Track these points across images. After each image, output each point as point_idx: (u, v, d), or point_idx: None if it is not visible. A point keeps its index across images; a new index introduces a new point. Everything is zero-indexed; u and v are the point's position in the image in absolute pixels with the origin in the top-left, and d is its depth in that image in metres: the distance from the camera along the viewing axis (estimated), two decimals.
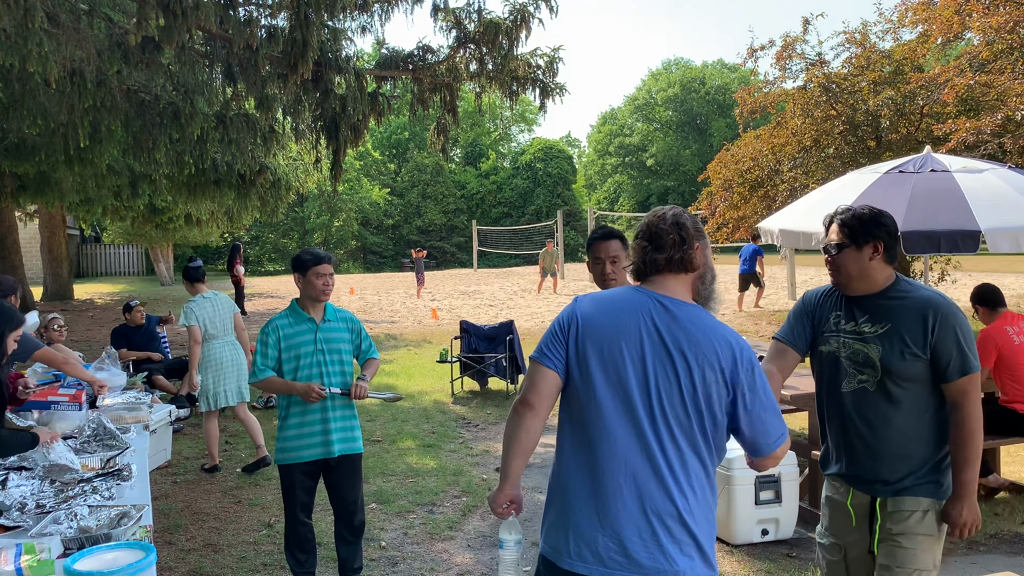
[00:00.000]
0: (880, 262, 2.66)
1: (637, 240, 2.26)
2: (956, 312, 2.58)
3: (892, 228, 2.69)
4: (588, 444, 2.12)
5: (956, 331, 2.54)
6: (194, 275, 6.52)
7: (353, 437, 4.07)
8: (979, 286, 5.44)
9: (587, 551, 2.05)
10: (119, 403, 4.62)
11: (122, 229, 24.54)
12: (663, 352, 2.09)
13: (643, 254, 2.22)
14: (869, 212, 2.68)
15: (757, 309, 16.24)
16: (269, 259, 43.70)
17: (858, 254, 2.66)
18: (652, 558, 2.02)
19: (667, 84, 59.94)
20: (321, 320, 4.08)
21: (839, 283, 2.74)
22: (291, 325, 4.04)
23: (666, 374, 2.08)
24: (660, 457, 2.06)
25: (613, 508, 2.05)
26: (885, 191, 5.45)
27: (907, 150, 10.86)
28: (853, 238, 2.66)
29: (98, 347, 12.24)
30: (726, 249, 20.41)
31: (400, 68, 8.43)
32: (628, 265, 2.31)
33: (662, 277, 2.20)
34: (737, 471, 4.62)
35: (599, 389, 2.11)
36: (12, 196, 14.31)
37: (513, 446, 2.15)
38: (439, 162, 47.23)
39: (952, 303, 2.61)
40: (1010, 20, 10.60)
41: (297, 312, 4.08)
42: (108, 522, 2.70)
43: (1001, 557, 4.41)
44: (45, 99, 7.48)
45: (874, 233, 2.64)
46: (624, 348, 2.11)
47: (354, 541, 4.11)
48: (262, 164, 12.29)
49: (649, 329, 2.12)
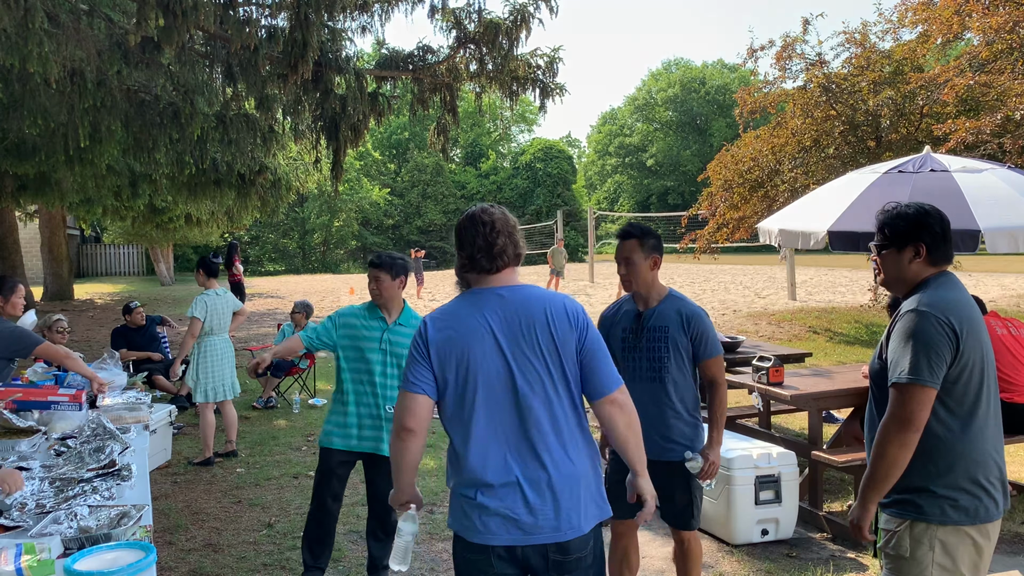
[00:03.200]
0: (922, 265, 2.48)
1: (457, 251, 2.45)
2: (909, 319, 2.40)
3: (938, 228, 2.48)
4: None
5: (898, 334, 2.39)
6: (213, 269, 6.71)
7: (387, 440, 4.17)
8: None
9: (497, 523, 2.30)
10: (119, 403, 4.61)
11: (122, 229, 24.53)
12: (513, 334, 2.30)
13: (459, 261, 2.42)
14: (914, 211, 2.49)
15: (761, 309, 16.25)
16: (269, 259, 43.69)
17: (898, 256, 2.51)
18: (562, 518, 2.31)
19: (667, 84, 59.94)
20: (393, 322, 4.11)
21: (882, 283, 2.59)
22: (361, 318, 4.11)
23: (522, 352, 2.30)
24: (548, 424, 2.31)
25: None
26: (885, 191, 5.45)
27: (907, 150, 10.86)
28: (894, 240, 2.50)
29: (98, 347, 12.24)
30: (727, 249, 20.41)
31: (400, 68, 8.43)
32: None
33: (490, 276, 2.38)
34: (737, 471, 4.62)
35: (470, 394, 2.31)
36: (12, 196, 14.31)
37: (403, 466, 2.37)
38: (439, 162, 47.23)
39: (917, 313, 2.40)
40: (1010, 20, 10.60)
41: (372, 308, 4.14)
42: (108, 522, 2.70)
43: (1001, 557, 4.41)
44: (45, 99, 7.48)
45: (916, 235, 2.47)
46: (477, 348, 2.30)
47: (385, 539, 4.19)
48: (262, 164, 12.29)
49: (493, 321, 2.32)
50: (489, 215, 2.38)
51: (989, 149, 9.68)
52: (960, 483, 2.37)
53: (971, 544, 2.38)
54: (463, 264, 2.38)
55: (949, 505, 2.37)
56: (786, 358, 6.69)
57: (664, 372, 3.38)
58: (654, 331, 3.39)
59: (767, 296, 18.67)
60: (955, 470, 2.37)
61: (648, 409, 3.36)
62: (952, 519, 2.36)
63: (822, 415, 5.36)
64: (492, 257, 2.34)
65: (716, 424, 3.43)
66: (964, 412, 2.37)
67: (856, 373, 5.78)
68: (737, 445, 4.82)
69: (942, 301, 2.37)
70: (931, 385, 2.30)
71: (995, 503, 2.41)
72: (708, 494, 4.78)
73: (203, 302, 6.47)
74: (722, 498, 4.68)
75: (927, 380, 2.29)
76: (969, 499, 2.37)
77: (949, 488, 2.37)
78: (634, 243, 3.34)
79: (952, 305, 2.37)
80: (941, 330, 2.32)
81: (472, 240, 2.35)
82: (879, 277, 2.59)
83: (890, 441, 2.33)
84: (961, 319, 2.36)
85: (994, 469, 2.42)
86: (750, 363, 5.77)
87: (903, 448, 2.32)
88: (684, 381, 3.42)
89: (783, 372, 5.42)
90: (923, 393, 2.30)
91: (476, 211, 2.40)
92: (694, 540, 3.55)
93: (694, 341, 3.37)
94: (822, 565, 4.41)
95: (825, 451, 5.11)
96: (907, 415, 2.30)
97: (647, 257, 3.35)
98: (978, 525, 2.38)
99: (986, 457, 2.40)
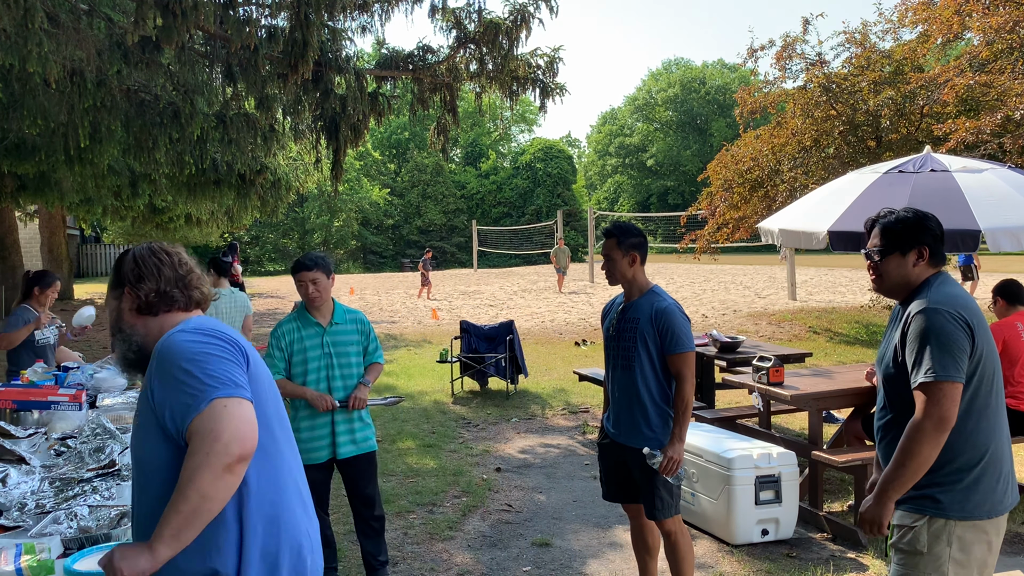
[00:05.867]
0: (924, 267, 2.54)
1: None
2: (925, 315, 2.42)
3: (938, 231, 2.56)
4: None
5: (920, 335, 2.41)
6: (224, 268, 6.76)
7: (364, 438, 4.12)
8: (1006, 279, 5.51)
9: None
10: (119, 403, 4.62)
11: (122, 229, 24.52)
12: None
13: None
14: (913, 215, 2.56)
15: (761, 309, 16.24)
16: (269, 259, 43.69)
17: (902, 260, 2.55)
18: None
19: (667, 84, 59.94)
20: (328, 323, 4.05)
21: (880, 289, 2.63)
22: (298, 330, 4.02)
23: None
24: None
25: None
26: (885, 191, 5.45)
27: (907, 150, 10.85)
28: (898, 244, 2.55)
29: (98, 347, 12.24)
30: (727, 249, 20.41)
31: (400, 68, 8.42)
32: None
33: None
34: (737, 471, 4.62)
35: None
36: (12, 196, 14.30)
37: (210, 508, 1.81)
38: (439, 162, 47.22)
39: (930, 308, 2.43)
40: (1010, 20, 10.59)
41: (304, 316, 4.06)
42: (108, 522, 2.70)
43: (1001, 557, 4.40)
44: (45, 99, 7.47)
45: (919, 238, 2.53)
46: None
47: (377, 533, 4.16)
48: (262, 164, 12.29)
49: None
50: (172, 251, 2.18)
51: (989, 149, 9.67)
52: (979, 478, 2.41)
53: (985, 538, 2.42)
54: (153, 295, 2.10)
55: (968, 500, 2.40)
56: (786, 358, 6.69)
57: (633, 362, 3.56)
58: (629, 323, 3.61)
59: (767, 296, 18.67)
60: (974, 465, 2.41)
61: (622, 397, 3.63)
62: (972, 514, 2.39)
63: (822, 415, 5.36)
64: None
65: (678, 420, 3.54)
66: (979, 406, 2.42)
67: (857, 373, 5.78)
68: (737, 445, 4.82)
69: (950, 297, 2.43)
70: (959, 380, 2.34)
71: (1009, 494, 2.46)
72: (708, 494, 4.78)
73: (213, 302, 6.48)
74: (722, 498, 4.68)
75: (955, 376, 2.34)
76: (986, 493, 2.41)
77: (965, 483, 2.40)
78: (612, 242, 3.60)
79: (960, 301, 2.43)
80: (957, 325, 2.37)
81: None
82: (877, 283, 2.61)
83: (925, 441, 2.34)
84: (971, 313, 2.41)
85: (1007, 462, 2.47)
86: (750, 363, 5.77)
87: (936, 447, 2.35)
88: (653, 373, 3.55)
89: (783, 372, 5.42)
90: (954, 389, 2.34)
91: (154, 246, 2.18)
92: (679, 534, 3.62)
93: (661, 335, 3.52)
94: (822, 565, 4.41)
95: (825, 451, 5.11)
96: (942, 413, 2.32)
97: (625, 255, 3.60)
98: (993, 519, 2.42)
99: (1001, 451, 2.45)
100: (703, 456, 4.84)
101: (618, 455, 3.69)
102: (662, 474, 3.48)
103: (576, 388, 9.39)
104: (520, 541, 4.86)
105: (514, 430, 7.66)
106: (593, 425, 7.72)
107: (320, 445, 4.02)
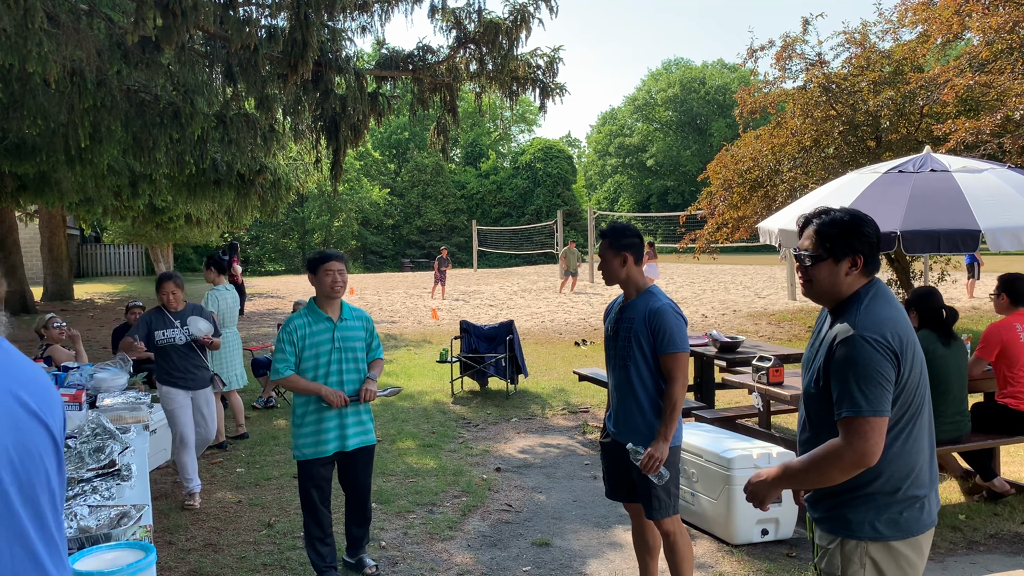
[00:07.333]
0: (857, 276, 2.35)
1: None
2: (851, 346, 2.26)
3: (875, 237, 2.35)
4: None
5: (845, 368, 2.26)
6: (223, 266, 7.39)
7: (367, 430, 4.34)
8: (1014, 274, 5.29)
9: None
10: (119, 403, 4.62)
11: (122, 229, 24.54)
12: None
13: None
14: (850, 219, 2.34)
15: (761, 309, 16.24)
16: (269, 259, 43.71)
17: (834, 268, 2.35)
18: None
19: (667, 84, 59.96)
20: (338, 319, 4.22)
21: (808, 294, 2.45)
22: (309, 324, 4.16)
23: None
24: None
25: None
26: (885, 191, 5.46)
27: (907, 150, 10.86)
28: (831, 250, 2.35)
29: (98, 347, 12.25)
30: (727, 249, 20.42)
31: (400, 68, 8.43)
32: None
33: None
34: (737, 471, 4.62)
35: None
36: (12, 196, 14.31)
37: None
38: (439, 162, 47.25)
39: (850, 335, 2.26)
40: (1010, 20, 10.60)
41: (315, 311, 4.21)
42: (108, 522, 2.70)
43: (1001, 557, 4.41)
44: (45, 99, 7.47)
45: (853, 246, 2.33)
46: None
47: (368, 521, 4.44)
48: (262, 164, 12.30)
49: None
50: None
51: (989, 149, 9.68)
52: (890, 498, 2.28)
53: (903, 559, 2.28)
54: None
55: (879, 520, 2.27)
56: (786, 358, 6.69)
57: (629, 362, 3.60)
58: (626, 322, 3.64)
59: (767, 296, 18.68)
60: (886, 485, 2.28)
61: (620, 396, 3.68)
62: (883, 535, 2.26)
63: None
64: None
65: (665, 419, 3.55)
66: (898, 429, 2.28)
67: None
68: (737, 445, 4.82)
69: (878, 321, 2.25)
70: (885, 414, 2.21)
71: (927, 514, 2.32)
72: (708, 494, 4.79)
73: (216, 297, 6.96)
74: (722, 498, 4.68)
75: (880, 410, 2.20)
76: (899, 513, 2.27)
77: (878, 504, 2.28)
78: (605, 243, 3.66)
79: (889, 323, 2.26)
80: (884, 355, 2.21)
81: None
82: (806, 287, 2.43)
83: (840, 469, 2.23)
84: (900, 337, 2.25)
85: (925, 479, 2.32)
86: (750, 363, 5.77)
87: (848, 476, 2.25)
88: (648, 372, 3.58)
89: (783, 372, 5.42)
90: (880, 423, 2.20)
91: None
92: (678, 534, 3.64)
93: (654, 334, 3.55)
94: None
95: None
96: (867, 448, 2.18)
97: (617, 255, 3.65)
98: (909, 539, 2.27)
99: (918, 469, 2.30)
100: (703, 456, 4.84)
101: (619, 454, 3.70)
102: (643, 472, 3.49)
103: (576, 388, 9.39)
104: (520, 541, 4.86)
105: (514, 430, 7.66)
106: (593, 425, 7.72)
107: (329, 438, 4.17)
